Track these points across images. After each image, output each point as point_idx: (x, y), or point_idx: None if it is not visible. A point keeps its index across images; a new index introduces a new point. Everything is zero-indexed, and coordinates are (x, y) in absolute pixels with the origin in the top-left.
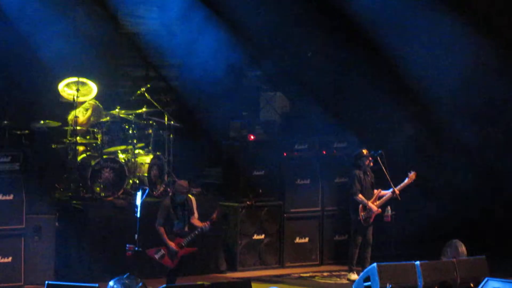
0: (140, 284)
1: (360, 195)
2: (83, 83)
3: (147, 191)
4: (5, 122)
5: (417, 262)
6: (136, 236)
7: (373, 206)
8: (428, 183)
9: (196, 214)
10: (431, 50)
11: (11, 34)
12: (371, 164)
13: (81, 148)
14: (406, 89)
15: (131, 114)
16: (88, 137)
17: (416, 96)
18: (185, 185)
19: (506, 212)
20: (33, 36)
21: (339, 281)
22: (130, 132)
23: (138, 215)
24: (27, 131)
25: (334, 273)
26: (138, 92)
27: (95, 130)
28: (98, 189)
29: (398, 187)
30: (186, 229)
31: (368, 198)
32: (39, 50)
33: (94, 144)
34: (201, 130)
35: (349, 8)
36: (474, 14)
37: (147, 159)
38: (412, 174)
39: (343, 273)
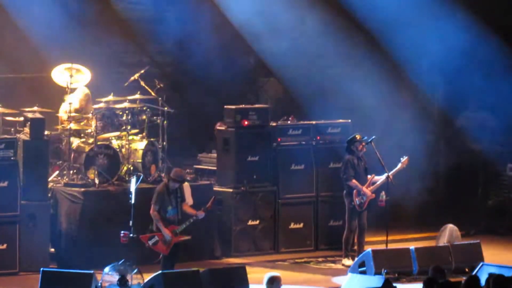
0: (135, 270)
1: (353, 180)
2: (77, 69)
3: (141, 178)
4: None
5: (412, 247)
6: (130, 222)
7: (367, 191)
8: (422, 168)
9: (190, 201)
10: (424, 34)
11: (4, 20)
12: (364, 149)
13: (75, 134)
14: (400, 74)
15: (125, 100)
16: (82, 123)
17: (410, 82)
18: (181, 173)
19: (498, 197)
20: (26, 22)
21: (334, 266)
22: (124, 118)
23: (133, 201)
24: (21, 118)
25: (329, 259)
26: (132, 78)
27: (89, 117)
28: (92, 175)
29: (391, 172)
30: (180, 216)
31: (362, 184)
32: (33, 36)
33: (88, 131)
34: (195, 116)
35: None
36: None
37: (141, 145)
38: (404, 159)
39: (337, 258)
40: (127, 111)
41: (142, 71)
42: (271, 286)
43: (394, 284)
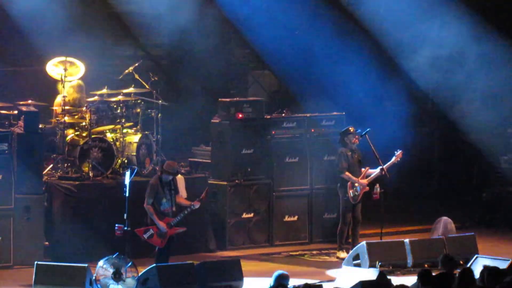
0: (130, 263)
1: (347, 173)
2: (71, 63)
3: (135, 171)
4: None
5: (406, 240)
6: (125, 215)
7: (362, 182)
8: (416, 160)
9: (184, 194)
10: (418, 26)
11: None
12: (357, 141)
13: (69, 128)
14: (394, 67)
15: (120, 94)
16: (76, 116)
17: (404, 75)
18: (174, 165)
19: (492, 189)
20: (20, 15)
21: (328, 259)
22: (119, 111)
23: (127, 194)
24: (15, 111)
25: (323, 251)
26: (126, 71)
27: (83, 110)
28: (86, 168)
29: (386, 165)
30: (174, 208)
31: (356, 176)
32: (27, 29)
33: (82, 124)
34: (190, 109)
35: None
36: None
37: (135, 138)
38: (399, 153)
39: (332, 251)
40: (121, 104)
41: (137, 64)
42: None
43: (389, 277)
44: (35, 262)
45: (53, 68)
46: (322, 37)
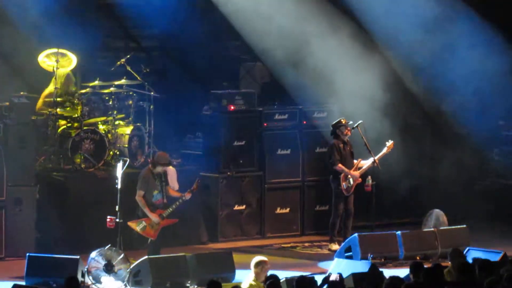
0: (121, 255)
1: (339, 165)
2: (63, 54)
3: (127, 162)
4: None
5: (398, 232)
6: (117, 207)
7: (354, 174)
8: (408, 152)
9: (176, 186)
10: (410, 16)
11: None
12: (349, 133)
13: (61, 119)
14: (386, 58)
15: (111, 85)
16: (68, 108)
17: (396, 65)
18: (166, 156)
19: (484, 181)
20: (12, 6)
21: (320, 251)
22: (110, 103)
23: (119, 186)
24: (7, 103)
25: (315, 244)
26: (118, 63)
27: (75, 101)
28: (78, 160)
29: (377, 156)
30: (165, 200)
31: (348, 168)
32: (18, 20)
33: (74, 116)
34: (182, 100)
35: None
36: None
37: (127, 130)
38: (390, 144)
39: (324, 243)
40: (113, 96)
41: (128, 56)
42: (258, 270)
43: (380, 269)
44: (27, 254)
45: (45, 59)
46: (315, 29)
